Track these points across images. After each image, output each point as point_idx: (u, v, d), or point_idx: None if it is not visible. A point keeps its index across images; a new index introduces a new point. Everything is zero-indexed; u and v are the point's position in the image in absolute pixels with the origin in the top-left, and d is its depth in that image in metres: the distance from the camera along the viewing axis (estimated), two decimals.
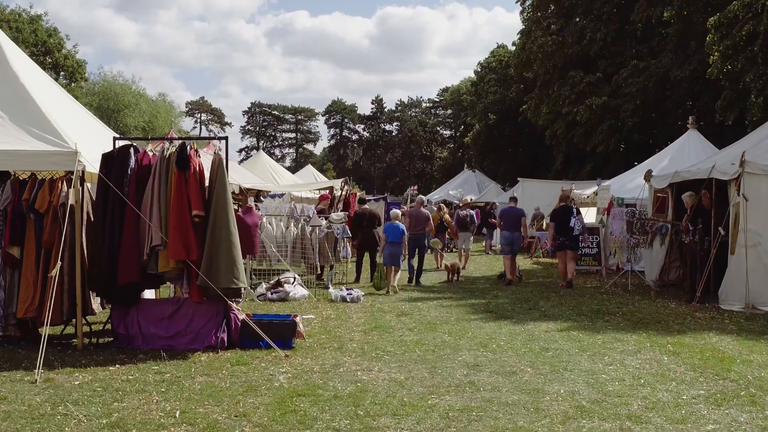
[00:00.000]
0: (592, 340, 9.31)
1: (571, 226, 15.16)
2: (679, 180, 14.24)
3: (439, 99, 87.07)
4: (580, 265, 17.69)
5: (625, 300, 13.03)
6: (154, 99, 52.86)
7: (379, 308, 12.08)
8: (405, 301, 12.95)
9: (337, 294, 12.73)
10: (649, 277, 15.24)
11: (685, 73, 29.52)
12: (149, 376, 7.29)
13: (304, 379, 7.25)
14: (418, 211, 16.20)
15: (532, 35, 36.46)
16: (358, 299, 12.69)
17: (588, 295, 13.78)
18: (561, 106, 34.79)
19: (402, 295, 13.83)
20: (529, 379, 7.27)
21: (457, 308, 12.11)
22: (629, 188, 18.65)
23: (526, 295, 13.72)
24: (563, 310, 11.80)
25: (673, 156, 19.06)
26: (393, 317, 11.18)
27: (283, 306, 12.13)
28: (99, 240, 8.56)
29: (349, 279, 15.88)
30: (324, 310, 11.75)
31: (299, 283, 13.03)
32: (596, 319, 10.97)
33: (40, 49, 43.29)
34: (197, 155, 8.76)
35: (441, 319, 11.01)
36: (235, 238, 8.51)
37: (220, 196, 8.54)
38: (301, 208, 14.09)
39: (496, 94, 45.07)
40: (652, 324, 10.50)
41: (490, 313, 11.52)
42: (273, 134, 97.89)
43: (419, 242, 15.75)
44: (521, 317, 11.14)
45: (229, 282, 8.40)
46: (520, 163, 43.21)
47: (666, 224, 14.85)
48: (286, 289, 12.66)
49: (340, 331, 9.90)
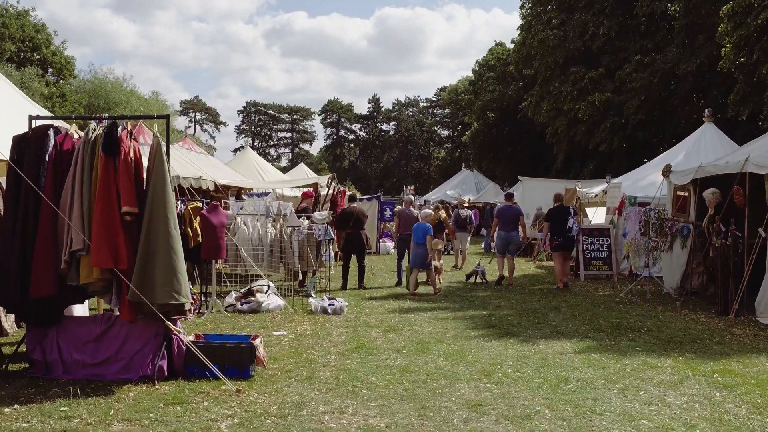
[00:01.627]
0: (619, 366, 7.49)
1: (569, 226, 14.48)
2: (704, 175, 12.41)
3: (436, 98, 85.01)
4: (589, 269, 15.89)
5: (646, 312, 11.21)
6: (147, 97, 50.93)
7: (365, 322, 10.26)
8: (395, 313, 11.13)
9: (317, 304, 10.91)
10: (669, 285, 13.42)
11: (692, 67, 27.77)
12: (50, 423, 5.47)
13: (252, 427, 5.43)
14: (407, 211, 15.06)
15: (533, 30, 34.72)
16: (341, 310, 10.88)
17: (602, 305, 11.95)
18: (562, 102, 33.08)
19: (391, 304, 12.02)
20: (548, 428, 5.45)
21: (454, 322, 10.28)
22: (642, 186, 16.85)
23: (533, 305, 11.91)
24: (577, 325, 9.98)
25: (688, 151, 17.26)
26: (379, 333, 9.36)
27: (255, 318, 10.31)
28: (8, 243, 6.73)
29: (335, 286, 14.08)
30: (300, 324, 9.92)
31: (274, 292, 11.20)
32: (618, 336, 9.15)
33: (27, 45, 41.57)
34: (131, 138, 6.91)
35: (435, 336, 9.19)
36: (176, 243, 6.69)
37: (158, 189, 6.71)
38: (277, 206, 12.28)
39: (494, 92, 43.24)
40: (686, 344, 8.67)
41: (493, 329, 9.69)
42: (268, 134, 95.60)
43: (409, 243, 14.42)
44: (529, 334, 9.31)
45: (166, 297, 6.58)
46: (519, 162, 41.35)
47: (687, 225, 13.04)
48: (258, 299, 10.84)
49: (313, 353, 8.08)
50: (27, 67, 39.03)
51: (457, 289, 14.22)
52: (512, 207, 15.32)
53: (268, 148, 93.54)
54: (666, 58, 29.25)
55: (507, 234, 14.88)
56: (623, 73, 30.84)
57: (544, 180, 26.79)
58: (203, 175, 14.41)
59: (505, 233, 14.89)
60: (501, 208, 15.66)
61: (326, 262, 12.33)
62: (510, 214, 15.06)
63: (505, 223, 14.94)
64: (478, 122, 44.87)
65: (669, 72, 28.79)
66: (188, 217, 10.65)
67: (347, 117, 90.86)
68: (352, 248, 14.00)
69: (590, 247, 15.92)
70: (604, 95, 31.11)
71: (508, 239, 14.87)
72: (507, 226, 14.94)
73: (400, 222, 14.83)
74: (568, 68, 33.37)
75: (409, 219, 14.66)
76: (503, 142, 43.70)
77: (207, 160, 16.85)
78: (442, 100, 78.83)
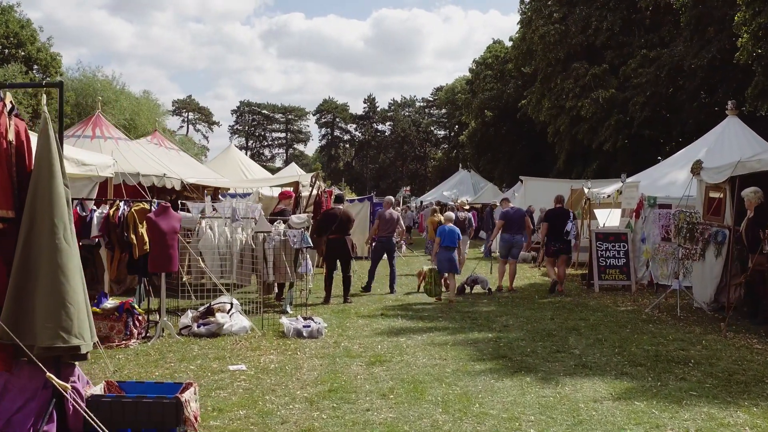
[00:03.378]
0: (678, 422, 5.50)
1: (567, 230, 13.73)
2: (745, 172, 10.42)
3: (433, 98, 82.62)
4: (604, 279, 13.90)
5: (683, 335, 9.19)
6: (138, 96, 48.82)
7: (346, 349, 8.25)
8: (383, 335, 9.12)
9: (290, 326, 8.89)
10: (701, 298, 11.43)
11: (703, 62, 25.81)
12: None
13: None
14: (387, 213, 13.69)
15: (533, 25, 32.76)
16: (319, 333, 8.87)
17: (629, 325, 9.94)
18: (564, 100, 31.16)
19: (380, 323, 10.01)
20: None
21: (455, 349, 8.28)
22: (661, 185, 14.86)
23: (546, 325, 9.90)
24: (606, 355, 7.97)
25: (710, 147, 15.24)
26: (362, 367, 7.36)
27: (212, 345, 8.29)
28: None
29: (317, 299, 12.09)
30: (266, 353, 7.92)
31: (238, 311, 9.18)
32: (662, 372, 7.14)
33: (11, 41, 39.47)
34: (12, 116, 4.87)
35: (431, 371, 7.18)
36: (66, 260, 4.66)
37: (42, 185, 4.68)
38: (244, 208, 10.26)
39: (492, 90, 41.22)
40: (752, 384, 6.67)
41: (504, 361, 7.68)
42: (262, 134, 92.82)
43: (388, 246, 13.53)
44: (549, 368, 7.31)
45: (51, 337, 4.55)
46: (518, 162, 39.33)
47: (723, 230, 11.07)
48: (218, 320, 8.81)
49: (272, 400, 6.07)
50: (10, 64, 36.99)
51: (457, 303, 12.22)
52: (518, 209, 14.43)
53: (262, 149, 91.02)
54: (673, 52, 27.32)
55: (511, 237, 13.91)
56: (628, 68, 28.92)
57: (547, 180, 24.76)
58: (168, 173, 12.40)
59: (509, 236, 13.92)
60: (507, 211, 14.33)
61: (304, 273, 10.27)
62: (517, 216, 13.96)
63: (510, 225, 13.87)
64: (476, 121, 42.86)
65: (676, 67, 26.85)
66: (132, 221, 8.63)
67: (342, 117, 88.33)
68: (336, 256, 12.04)
69: (605, 253, 13.94)
70: (608, 92, 29.21)
71: (513, 242, 13.91)
72: (513, 228, 13.88)
73: (380, 224, 13.58)
74: (570, 64, 31.49)
75: (390, 221, 13.54)
76: (501, 142, 41.70)
77: (178, 157, 14.84)
78: (439, 100, 76.64)
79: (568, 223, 14.02)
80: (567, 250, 14.07)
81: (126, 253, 8.70)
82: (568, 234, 13.89)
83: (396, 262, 13.91)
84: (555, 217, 14.08)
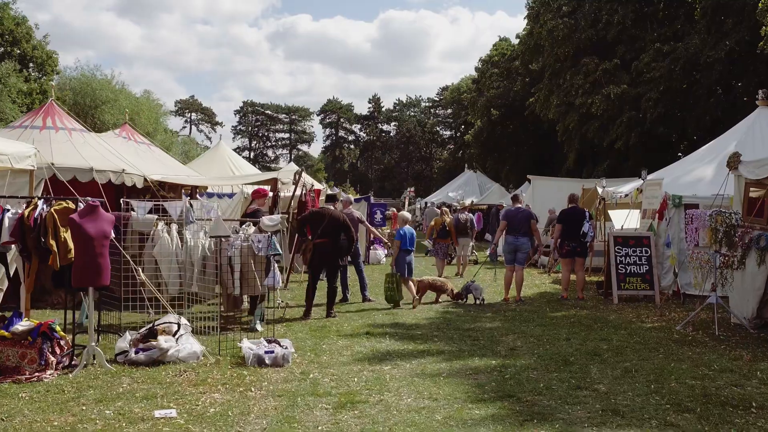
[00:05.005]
0: None
1: (584, 231, 12.31)
2: None
3: (438, 98, 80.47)
4: (624, 288, 12.12)
5: (730, 362, 7.38)
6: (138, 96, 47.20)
7: (314, 382, 6.52)
8: (364, 362, 7.39)
9: (249, 352, 7.17)
10: (741, 313, 9.61)
11: (720, 54, 23.98)
12: None
13: None
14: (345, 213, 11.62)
15: (541, 19, 30.95)
16: (285, 360, 7.14)
17: (660, 348, 8.15)
18: (574, 96, 29.36)
19: (363, 345, 8.28)
20: None
21: (449, 384, 6.52)
22: (686, 183, 13.08)
23: (561, 348, 8.14)
24: (640, 392, 6.18)
25: (741, 140, 13.46)
26: (327, 411, 5.62)
27: (147, 376, 6.57)
28: None
29: (295, 314, 10.37)
30: (210, 391, 6.18)
31: (186, 332, 7.45)
32: (719, 422, 5.35)
33: (6, 39, 37.96)
34: None
35: (416, 419, 5.44)
36: None
37: None
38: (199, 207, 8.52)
39: (499, 88, 39.37)
40: None
41: (509, 401, 5.92)
42: (266, 134, 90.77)
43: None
44: (570, 414, 5.55)
45: None
46: (525, 162, 37.43)
47: (766, 233, 9.28)
48: (161, 345, 7.08)
49: None
50: (4, 62, 35.48)
51: (456, 317, 10.48)
52: (522, 209, 12.49)
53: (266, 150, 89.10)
54: (688, 45, 25.50)
55: (515, 239, 12.22)
56: (641, 63, 27.07)
57: (556, 179, 22.86)
58: (129, 169, 10.71)
59: (514, 238, 12.26)
60: (509, 211, 12.65)
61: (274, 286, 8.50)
62: (520, 217, 12.21)
63: (513, 227, 12.20)
64: (482, 120, 41.00)
65: (692, 60, 25.00)
66: (52, 224, 6.91)
67: (347, 117, 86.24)
68: (322, 264, 10.31)
69: (625, 259, 12.15)
70: (620, 87, 27.39)
71: (517, 245, 12.17)
72: (517, 230, 12.18)
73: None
74: (580, 59, 29.70)
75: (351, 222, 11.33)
76: (508, 141, 39.83)
77: (149, 152, 13.13)
78: (444, 100, 74.60)
79: (585, 223, 12.32)
80: (583, 252, 12.49)
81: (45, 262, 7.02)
82: (585, 236, 12.19)
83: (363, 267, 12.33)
84: (570, 217, 12.38)
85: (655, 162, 23.33)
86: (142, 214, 8.47)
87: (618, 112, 27.51)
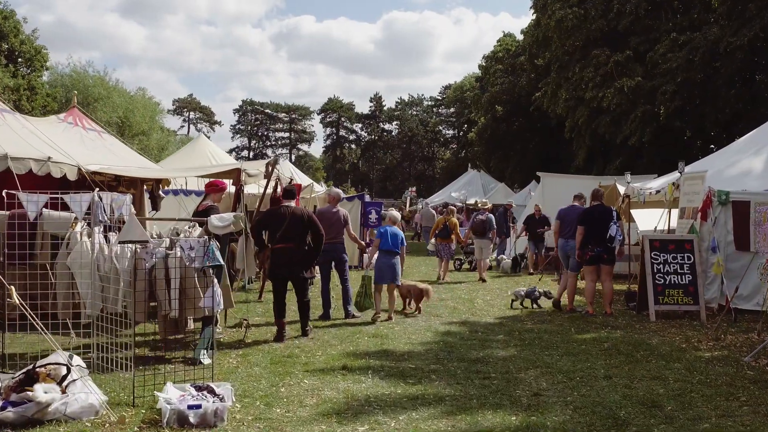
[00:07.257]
0: None
1: (612, 234, 9.95)
2: None
3: (441, 97, 77.88)
4: (664, 302, 9.85)
5: None
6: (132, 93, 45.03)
7: None
8: (330, 418, 5.17)
9: (167, 407, 4.93)
10: None
11: (743, 41, 21.69)
12: None
13: None
14: (331, 211, 9.67)
15: (549, 9, 28.66)
16: (218, 418, 4.91)
17: (737, 392, 5.91)
18: (583, 90, 27.16)
19: (338, 383, 6.06)
20: None
21: None
22: (731, 176, 10.88)
23: (602, 392, 5.89)
24: None
25: None
26: None
27: None
28: None
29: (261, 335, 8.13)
30: None
31: (80, 375, 5.21)
32: None
33: None
34: None
35: None
36: None
37: None
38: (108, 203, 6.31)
39: (503, 84, 37.09)
40: None
41: None
42: (265, 134, 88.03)
43: (334, 255, 9.64)
44: None
45: None
46: (531, 160, 35.18)
47: None
48: (38, 397, 4.86)
49: None
50: None
51: (460, 340, 8.23)
52: (578, 208, 10.83)
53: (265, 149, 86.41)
54: (707, 34, 23.25)
55: (565, 243, 10.74)
56: (656, 54, 24.83)
57: (568, 177, 20.42)
58: (55, 157, 8.49)
59: (564, 241, 10.80)
60: (564, 210, 11.06)
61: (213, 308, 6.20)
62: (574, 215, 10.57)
63: (568, 228, 10.65)
64: (486, 117, 38.74)
65: (711, 49, 22.74)
66: None
67: (348, 116, 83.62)
68: (282, 274, 8.09)
69: (664, 268, 9.89)
70: (634, 80, 25.18)
71: (567, 251, 10.69)
72: (567, 233, 10.68)
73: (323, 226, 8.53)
74: (590, 51, 27.52)
75: (335, 222, 9.52)
76: (513, 139, 37.55)
77: (99, 140, 10.91)
78: (447, 99, 72.15)
79: (612, 225, 10.03)
80: (611, 258, 10.20)
81: None
82: (612, 240, 9.93)
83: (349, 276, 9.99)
84: (594, 217, 10.09)
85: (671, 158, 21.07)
86: (33, 210, 6.22)
87: (631, 106, 25.31)
